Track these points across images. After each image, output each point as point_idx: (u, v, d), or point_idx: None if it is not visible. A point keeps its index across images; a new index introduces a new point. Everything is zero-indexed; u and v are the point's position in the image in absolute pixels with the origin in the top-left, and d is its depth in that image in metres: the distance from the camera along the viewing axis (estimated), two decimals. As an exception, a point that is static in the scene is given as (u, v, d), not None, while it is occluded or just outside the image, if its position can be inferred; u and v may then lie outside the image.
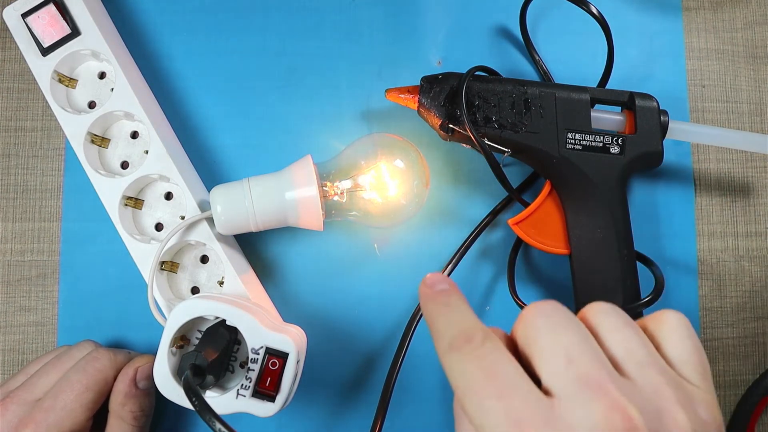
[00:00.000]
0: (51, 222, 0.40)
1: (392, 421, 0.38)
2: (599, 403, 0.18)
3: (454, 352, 0.21)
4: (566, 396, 0.19)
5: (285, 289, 0.40)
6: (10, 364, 0.39)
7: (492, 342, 0.21)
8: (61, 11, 0.36)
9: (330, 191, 0.35)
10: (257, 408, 0.31)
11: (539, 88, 0.36)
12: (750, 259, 0.42)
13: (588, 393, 0.19)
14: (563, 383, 0.19)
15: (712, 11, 0.43)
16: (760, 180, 0.42)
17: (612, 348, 0.21)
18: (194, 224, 0.35)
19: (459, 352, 0.21)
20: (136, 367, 0.34)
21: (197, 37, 0.41)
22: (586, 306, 0.23)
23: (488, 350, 0.20)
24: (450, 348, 0.21)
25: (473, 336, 0.21)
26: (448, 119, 0.36)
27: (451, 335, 0.21)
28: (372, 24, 0.42)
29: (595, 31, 0.39)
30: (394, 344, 0.39)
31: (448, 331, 0.22)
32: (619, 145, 0.36)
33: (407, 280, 0.40)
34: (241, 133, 0.41)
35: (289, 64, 0.41)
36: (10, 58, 0.41)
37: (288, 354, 0.31)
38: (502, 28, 0.42)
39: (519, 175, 0.41)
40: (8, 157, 0.41)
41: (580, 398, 0.19)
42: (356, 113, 0.41)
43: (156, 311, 0.34)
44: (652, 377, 0.20)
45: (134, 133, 0.38)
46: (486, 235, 0.40)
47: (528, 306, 0.22)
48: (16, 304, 0.40)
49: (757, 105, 0.43)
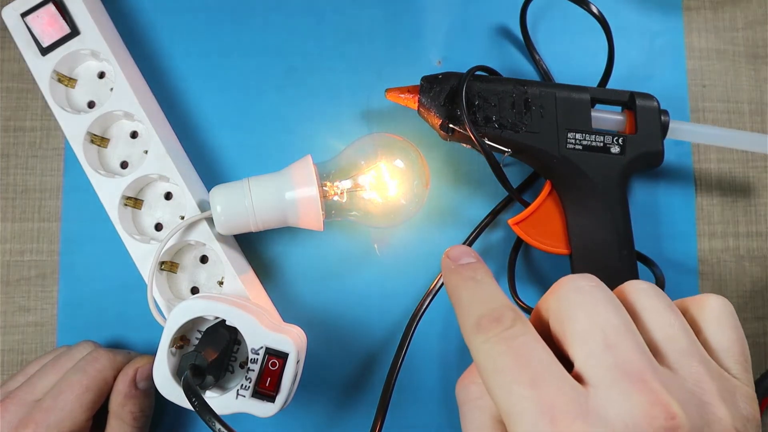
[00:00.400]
0: (50, 222, 0.40)
1: (392, 421, 0.38)
2: (640, 396, 0.17)
3: (482, 332, 0.20)
4: (603, 385, 0.18)
5: (285, 289, 0.40)
6: (10, 364, 0.39)
7: (522, 323, 0.20)
8: (60, 11, 0.36)
9: (330, 191, 0.35)
10: (257, 408, 0.30)
11: (539, 87, 0.36)
12: (751, 259, 0.41)
13: (627, 384, 0.17)
14: (600, 371, 0.18)
15: (713, 11, 0.43)
16: (761, 180, 0.42)
17: (653, 332, 0.20)
18: (194, 224, 0.35)
19: (487, 332, 0.20)
20: (136, 367, 0.34)
21: (197, 37, 0.41)
22: (625, 283, 0.22)
23: (518, 332, 0.19)
24: (477, 327, 0.20)
25: (503, 315, 0.20)
26: (448, 119, 0.36)
27: (478, 313, 0.20)
28: (372, 24, 0.42)
29: (595, 30, 0.38)
30: (394, 344, 0.39)
31: (475, 309, 0.21)
32: (619, 144, 0.36)
33: (407, 280, 0.40)
34: (241, 133, 0.41)
35: (289, 64, 0.41)
36: (10, 58, 0.41)
37: (288, 354, 0.31)
38: (502, 28, 0.42)
39: (519, 175, 0.41)
40: (7, 157, 0.41)
41: (618, 389, 0.17)
42: (356, 113, 0.41)
43: (155, 311, 0.34)
44: (693, 367, 0.19)
45: (134, 133, 0.38)
46: (486, 235, 0.40)
47: (563, 279, 0.21)
48: (16, 305, 0.40)
49: (757, 105, 0.43)
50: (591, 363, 0.18)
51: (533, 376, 0.18)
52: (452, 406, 0.39)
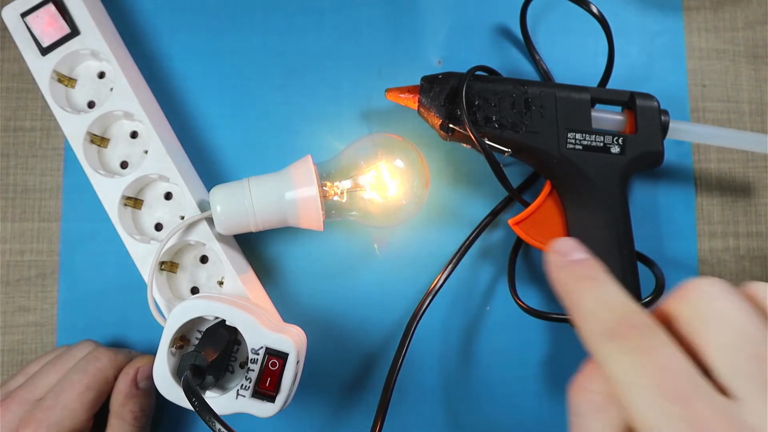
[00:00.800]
0: (50, 222, 0.40)
1: (392, 421, 0.38)
2: None
3: (615, 341, 0.18)
4: (752, 399, 0.17)
5: (285, 289, 0.40)
6: (10, 364, 0.39)
7: (658, 331, 0.18)
8: (60, 11, 0.36)
9: (330, 191, 0.35)
10: (257, 408, 0.30)
11: (539, 87, 0.36)
12: (751, 259, 0.41)
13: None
14: (748, 384, 0.17)
15: (713, 11, 0.43)
16: (761, 180, 0.42)
17: None
18: (194, 224, 0.35)
19: (621, 342, 0.18)
20: (137, 366, 0.34)
21: (197, 37, 0.41)
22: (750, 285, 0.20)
23: (657, 342, 0.18)
24: (609, 335, 0.18)
25: (636, 322, 0.18)
26: (449, 119, 0.36)
27: (607, 319, 0.19)
28: (372, 24, 0.42)
29: (595, 30, 0.38)
30: (394, 344, 0.39)
31: (602, 314, 0.19)
32: (619, 144, 0.36)
33: (407, 280, 0.40)
34: (241, 133, 0.41)
35: (289, 64, 0.41)
36: (9, 58, 0.41)
37: (288, 354, 0.31)
38: (502, 28, 0.42)
39: (519, 175, 0.41)
40: (7, 157, 0.41)
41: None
42: (356, 113, 0.41)
43: (155, 311, 0.34)
44: None
45: (134, 133, 0.38)
46: (486, 235, 0.40)
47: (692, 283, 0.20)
48: (16, 305, 0.40)
49: (758, 105, 0.43)
50: (737, 376, 0.17)
51: (680, 392, 0.17)
52: (452, 407, 0.39)
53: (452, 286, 0.40)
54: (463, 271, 0.40)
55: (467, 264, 0.40)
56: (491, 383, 0.39)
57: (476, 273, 0.40)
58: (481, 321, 0.40)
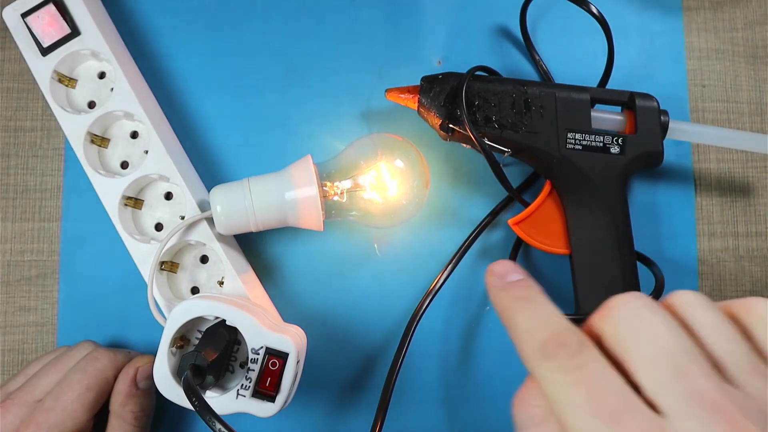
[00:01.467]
0: (51, 222, 0.40)
1: (392, 421, 0.38)
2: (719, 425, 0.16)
3: (548, 359, 0.19)
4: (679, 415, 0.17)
5: (285, 289, 0.40)
6: (10, 364, 0.39)
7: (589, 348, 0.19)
8: (60, 11, 0.36)
9: (330, 191, 0.35)
10: (257, 408, 0.30)
11: (539, 87, 0.36)
12: (750, 259, 0.42)
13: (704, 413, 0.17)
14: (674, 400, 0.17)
15: (713, 11, 0.43)
16: (761, 180, 0.42)
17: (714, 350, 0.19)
18: (194, 224, 0.35)
19: (553, 360, 0.18)
20: (137, 367, 0.34)
21: (197, 37, 0.41)
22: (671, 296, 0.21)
23: (588, 358, 0.18)
24: (542, 354, 0.19)
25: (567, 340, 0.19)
26: (448, 119, 0.36)
27: (540, 338, 0.19)
28: (372, 24, 0.42)
29: (595, 30, 0.39)
30: (394, 344, 0.39)
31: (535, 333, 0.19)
32: (619, 144, 0.36)
33: (407, 280, 0.40)
34: (241, 133, 0.41)
35: (289, 64, 0.41)
36: (10, 58, 0.41)
37: (288, 354, 0.31)
38: (502, 28, 0.42)
39: (519, 175, 0.41)
40: (8, 157, 0.41)
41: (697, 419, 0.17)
42: (356, 113, 0.41)
43: (156, 311, 0.34)
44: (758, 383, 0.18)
45: (134, 133, 0.38)
46: (486, 235, 0.40)
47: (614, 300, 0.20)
48: (16, 304, 0.40)
49: (757, 105, 0.43)
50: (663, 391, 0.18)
51: (612, 411, 0.17)
52: (452, 407, 0.39)
53: (452, 286, 0.40)
54: (463, 271, 0.40)
55: (467, 264, 0.40)
56: (491, 383, 0.39)
57: (476, 273, 0.40)
58: (481, 321, 0.40)
